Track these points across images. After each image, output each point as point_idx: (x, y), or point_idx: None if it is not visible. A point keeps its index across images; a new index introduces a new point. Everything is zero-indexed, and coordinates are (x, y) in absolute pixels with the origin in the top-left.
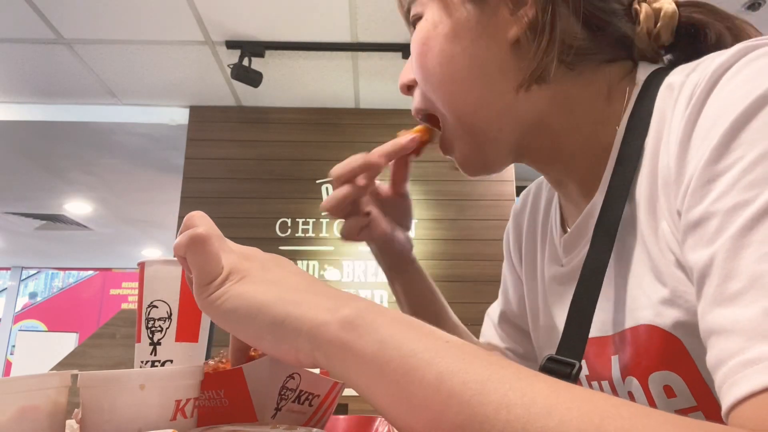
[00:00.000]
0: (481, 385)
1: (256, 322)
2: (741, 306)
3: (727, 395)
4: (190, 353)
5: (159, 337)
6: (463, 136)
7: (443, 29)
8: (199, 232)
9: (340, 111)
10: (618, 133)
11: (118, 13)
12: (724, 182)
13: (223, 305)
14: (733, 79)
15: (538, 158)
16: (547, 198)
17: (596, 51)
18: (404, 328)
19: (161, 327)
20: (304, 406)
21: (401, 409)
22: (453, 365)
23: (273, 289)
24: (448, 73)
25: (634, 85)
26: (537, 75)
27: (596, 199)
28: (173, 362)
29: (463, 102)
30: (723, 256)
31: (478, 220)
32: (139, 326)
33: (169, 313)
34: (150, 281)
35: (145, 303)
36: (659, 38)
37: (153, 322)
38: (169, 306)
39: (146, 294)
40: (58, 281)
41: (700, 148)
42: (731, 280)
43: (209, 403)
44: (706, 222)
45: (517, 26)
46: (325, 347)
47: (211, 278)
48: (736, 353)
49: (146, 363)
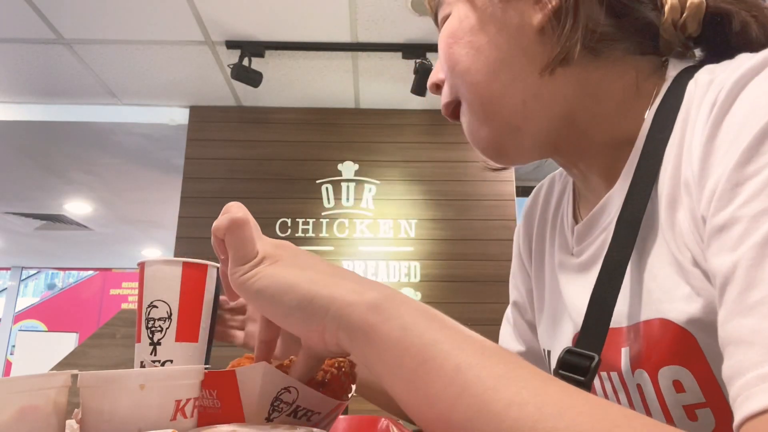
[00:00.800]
0: (496, 380)
1: (285, 301)
2: (761, 317)
3: (741, 408)
4: (190, 353)
5: (159, 337)
6: (487, 123)
7: (469, 22)
8: (239, 216)
9: (340, 111)
10: (643, 127)
11: (118, 13)
12: (750, 187)
13: (256, 284)
14: (762, 84)
15: (568, 152)
16: (560, 191)
17: (621, 38)
18: (428, 318)
19: (161, 327)
20: (300, 421)
21: (417, 396)
22: (471, 359)
23: (303, 272)
24: (474, 63)
25: (663, 81)
26: (561, 57)
27: (614, 191)
28: (173, 362)
29: (489, 89)
30: (746, 264)
31: (478, 220)
32: (139, 326)
33: (169, 313)
34: (150, 281)
35: (145, 303)
36: (686, 29)
37: (153, 322)
38: (169, 306)
39: (146, 294)
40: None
41: (728, 152)
42: (753, 289)
43: (203, 402)
44: (731, 227)
45: (541, 13)
46: (350, 328)
47: (246, 260)
48: (754, 366)
49: (146, 363)
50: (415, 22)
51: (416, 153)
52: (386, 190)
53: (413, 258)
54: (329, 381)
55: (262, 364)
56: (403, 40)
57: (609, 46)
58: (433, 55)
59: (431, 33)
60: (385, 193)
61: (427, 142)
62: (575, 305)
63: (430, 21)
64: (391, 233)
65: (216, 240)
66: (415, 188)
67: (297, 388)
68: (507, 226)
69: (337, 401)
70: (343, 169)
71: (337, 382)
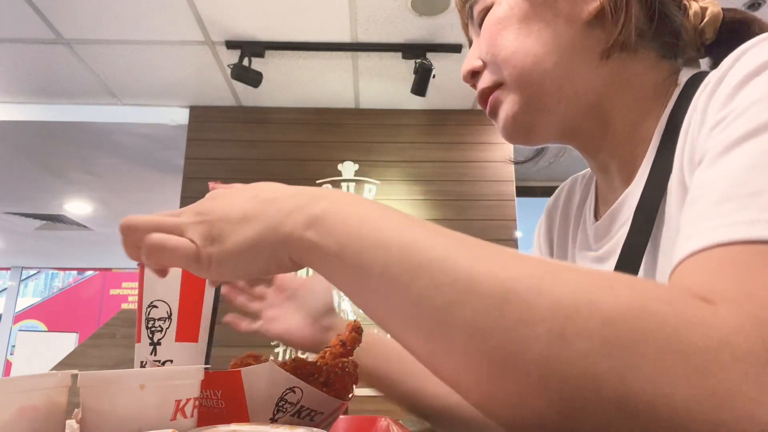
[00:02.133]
0: (415, 269)
1: (253, 263)
2: (696, 207)
3: (673, 260)
4: (190, 353)
5: (159, 337)
6: (524, 103)
7: (519, 11)
8: (151, 242)
9: (339, 111)
10: (658, 127)
11: (118, 13)
12: (720, 126)
13: (220, 265)
14: (746, 54)
15: (587, 141)
16: (583, 191)
17: (654, 38)
18: (364, 221)
19: (161, 327)
20: (304, 421)
21: (359, 295)
22: (395, 255)
23: (248, 229)
24: (522, 47)
25: (676, 86)
26: (620, 43)
27: (631, 189)
28: (173, 362)
29: (532, 73)
30: (710, 156)
31: (478, 220)
32: (139, 326)
33: (169, 313)
34: (150, 281)
35: (145, 303)
36: (703, 34)
37: (153, 322)
38: (169, 306)
39: (146, 294)
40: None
41: (714, 109)
42: (697, 192)
43: (206, 402)
44: (702, 161)
45: (590, 7)
46: (300, 252)
47: (193, 258)
48: (682, 241)
49: (146, 363)
50: (415, 22)
51: (416, 153)
52: (386, 190)
53: None
54: (333, 381)
55: (268, 364)
56: (403, 40)
57: (644, 45)
58: (433, 55)
59: (431, 33)
60: (385, 193)
61: (427, 142)
62: None
63: (430, 21)
64: None
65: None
66: (415, 188)
67: (301, 388)
68: (507, 226)
69: (339, 401)
70: (343, 169)
71: (340, 382)
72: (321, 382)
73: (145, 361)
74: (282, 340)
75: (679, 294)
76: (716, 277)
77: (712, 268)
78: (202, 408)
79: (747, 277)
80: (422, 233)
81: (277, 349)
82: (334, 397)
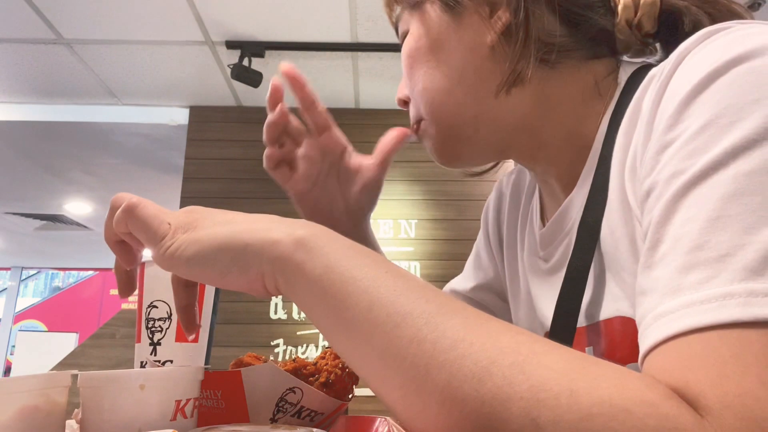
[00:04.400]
0: (401, 318)
1: (219, 260)
2: (661, 267)
3: (641, 347)
4: (190, 353)
5: (159, 337)
6: (442, 135)
7: (425, 42)
8: (131, 201)
9: (340, 111)
10: (599, 131)
11: (118, 13)
12: (669, 153)
13: (184, 254)
14: (691, 60)
15: (521, 156)
16: (530, 187)
17: (577, 47)
18: (353, 255)
19: (161, 327)
20: (304, 421)
21: (338, 332)
22: (384, 296)
23: (227, 228)
24: (431, 83)
25: (617, 84)
26: (514, 78)
27: (573, 196)
28: (173, 362)
29: (444, 107)
30: (655, 222)
31: (478, 221)
32: (139, 326)
33: (169, 313)
34: (150, 281)
35: (145, 303)
36: (641, 27)
37: (153, 322)
38: (169, 306)
39: (146, 294)
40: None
41: (659, 126)
42: (659, 245)
43: (206, 402)
44: (651, 192)
45: (492, 31)
46: (284, 269)
47: (160, 235)
48: (652, 309)
49: (146, 363)
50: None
51: (416, 153)
52: (386, 190)
53: (413, 258)
54: (333, 381)
55: (268, 364)
56: None
57: (564, 56)
58: None
59: None
60: (385, 193)
61: None
62: (543, 308)
63: None
64: (392, 233)
65: (126, 237)
66: (415, 188)
67: (302, 389)
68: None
69: (339, 401)
70: None
71: (340, 382)
72: (321, 382)
73: (145, 362)
74: (295, 193)
75: (663, 399)
76: (693, 375)
77: (689, 361)
78: (202, 408)
79: (724, 376)
80: (413, 283)
81: (277, 350)
82: (334, 397)
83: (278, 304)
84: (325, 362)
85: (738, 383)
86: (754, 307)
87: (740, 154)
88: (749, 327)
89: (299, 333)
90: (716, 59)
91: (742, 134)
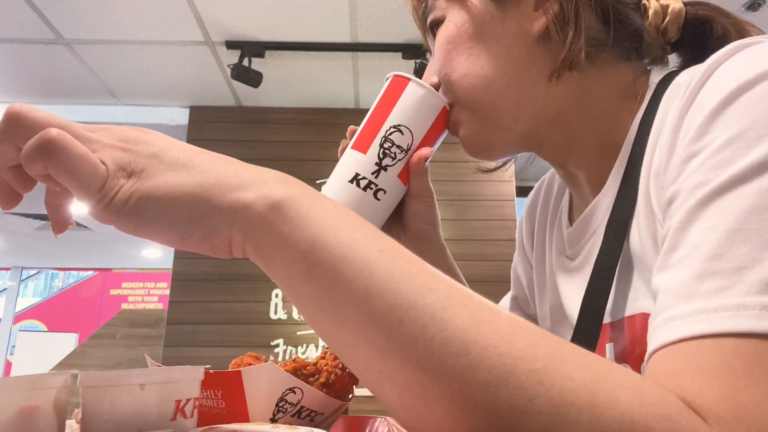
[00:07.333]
0: (404, 312)
1: (177, 222)
2: (677, 271)
3: (650, 345)
4: (399, 196)
5: (388, 163)
6: (479, 124)
7: (467, 29)
8: (49, 135)
9: (340, 111)
10: (630, 132)
11: (118, 13)
12: (695, 162)
13: (133, 209)
14: (721, 72)
15: (552, 152)
16: (559, 188)
17: (612, 44)
18: (341, 227)
19: (395, 155)
20: (304, 421)
21: (324, 317)
22: (381, 284)
23: (184, 176)
24: (472, 68)
25: (647, 87)
26: (568, 62)
27: (601, 196)
28: (385, 194)
29: (485, 94)
30: (675, 227)
31: (478, 220)
32: (368, 137)
33: (409, 146)
34: (409, 101)
35: (392, 119)
36: (666, 33)
37: (391, 144)
38: (412, 139)
39: (398, 112)
40: (58, 281)
41: (688, 132)
42: (676, 249)
43: (206, 402)
44: (675, 199)
45: (542, 20)
46: (256, 239)
47: (96, 184)
48: (663, 310)
49: (359, 178)
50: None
51: None
52: None
53: None
54: (333, 382)
55: (268, 364)
56: (403, 40)
57: (602, 51)
58: None
59: None
60: None
61: None
62: (571, 306)
63: None
64: None
65: (38, 177)
66: None
67: (302, 389)
68: (507, 226)
69: (339, 402)
70: None
71: (341, 382)
72: (321, 382)
73: (360, 175)
74: None
75: (679, 414)
76: (706, 383)
77: (699, 367)
78: (202, 408)
79: (737, 389)
80: (412, 265)
81: (277, 350)
82: (334, 397)
83: (278, 304)
84: (325, 362)
85: (751, 396)
86: (767, 320)
87: (766, 169)
88: (763, 339)
89: (299, 333)
90: (746, 73)
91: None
